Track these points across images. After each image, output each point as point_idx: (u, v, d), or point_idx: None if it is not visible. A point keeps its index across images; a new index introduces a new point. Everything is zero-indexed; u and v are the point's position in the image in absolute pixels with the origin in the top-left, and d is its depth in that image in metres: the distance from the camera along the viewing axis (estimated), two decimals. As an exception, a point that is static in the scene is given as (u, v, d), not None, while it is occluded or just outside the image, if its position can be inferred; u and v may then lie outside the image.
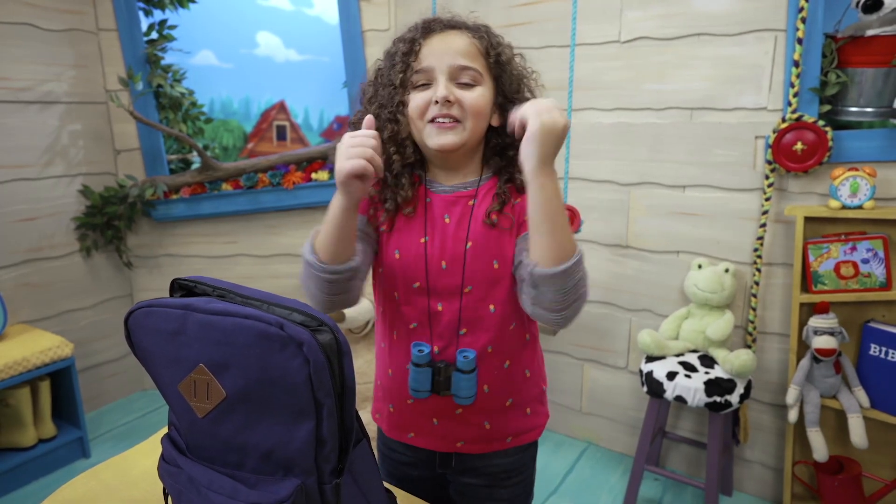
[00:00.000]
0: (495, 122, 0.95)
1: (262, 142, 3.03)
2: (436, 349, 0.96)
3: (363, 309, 2.27)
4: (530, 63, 0.99)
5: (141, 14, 2.51)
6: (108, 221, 2.51)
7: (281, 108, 3.03)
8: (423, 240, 0.95)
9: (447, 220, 0.95)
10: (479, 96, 0.91)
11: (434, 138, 0.91)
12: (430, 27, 0.93)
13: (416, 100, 0.91)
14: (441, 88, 0.89)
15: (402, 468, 1.07)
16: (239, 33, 2.93)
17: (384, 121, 0.93)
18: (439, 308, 0.95)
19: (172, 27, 2.53)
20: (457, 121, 0.90)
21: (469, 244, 0.93)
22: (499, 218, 0.93)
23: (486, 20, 0.98)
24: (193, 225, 2.66)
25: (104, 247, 2.58)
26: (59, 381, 2.26)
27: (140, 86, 2.42)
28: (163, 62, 2.55)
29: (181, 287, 0.77)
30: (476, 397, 0.95)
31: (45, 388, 2.18)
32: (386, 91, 0.93)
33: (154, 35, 2.53)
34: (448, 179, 0.98)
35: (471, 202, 0.95)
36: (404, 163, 0.95)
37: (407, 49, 0.91)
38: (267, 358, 0.65)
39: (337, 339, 0.67)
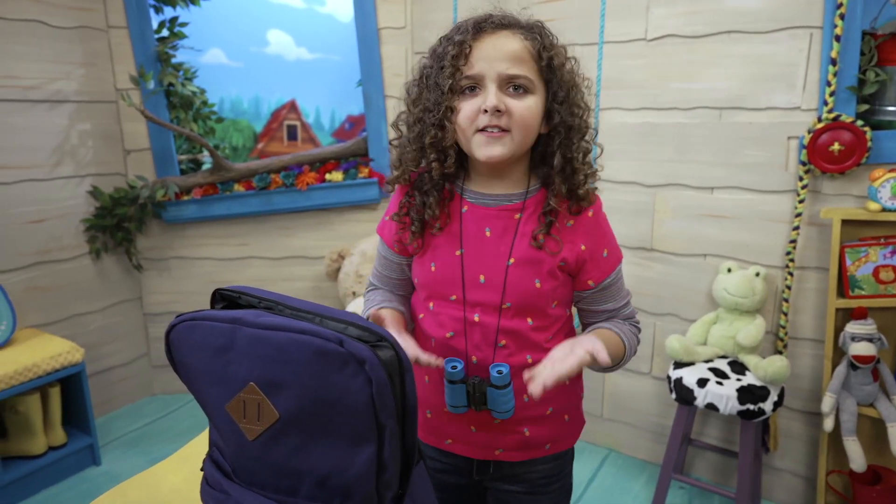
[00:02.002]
0: (543, 130, 0.91)
1: (272, 142, 2.98)
2: (474, 359, 0.93)
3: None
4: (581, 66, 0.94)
5: (151, 11, 2.46)
6: (119, 223, 2.46)
7: (292, 107, 2.98)
8: (458, 252, 0.93)
9: (488, 234, 0.92)
10: (528, 107, 0.87)
11: (482, 149, 0.88)
12: (480, 27, 0.87)
13: (465, 108, 0.87)
14: (491, 97, 0.85)
15: (438, 475, 1.03)
16: (249, 31, 2.88)
17: (428, 125, 0.89)
18: (476, 319, 0.92)
19: (184, 24, 2.48)
20: (505, 130, 0.86)
21: (512, 260, 0.90)
22: (545, 240, 0.90)
23: None
24: (204, 226, 2.61)
25: (113, 249, 2.52)
26: (70, 386, 2.20)
27: (151, 84, 2.37)
28: (173, 60, 2.50)
29: (223, 298, 0.72)
30: (515, 409, 0.91)
31: (55, 394, 2.13)
32: (433, 95, 0.89)
33: (165, 32, 2.48)
34: (491, 188, 0.94)
35: (517, 216, 0.92)
36: (444, 172, 0.91)
37: (456, 52, 0.86)
38: (325, 377, 0.60)
39: (398, 356, 0.62)
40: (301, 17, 2.90)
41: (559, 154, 0.90)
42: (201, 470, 0.77)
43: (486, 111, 0.85)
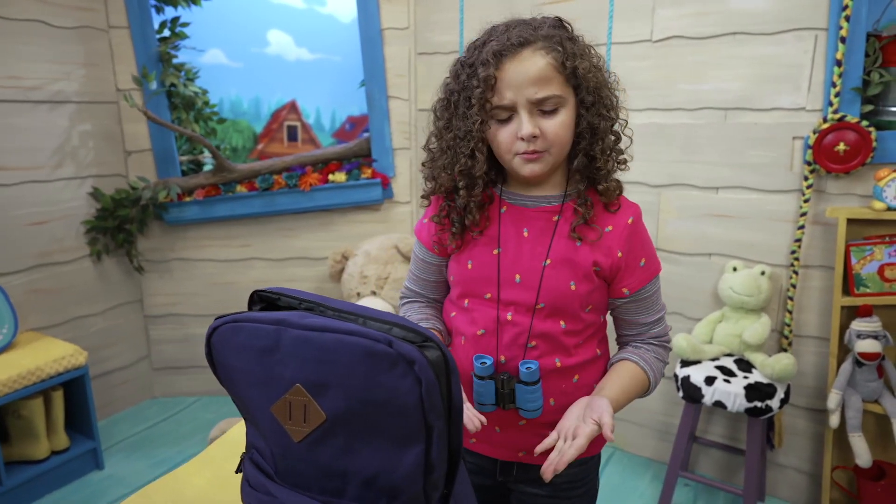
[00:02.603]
0: (576, 132, 0.91)
1: (272, 142, 2.97)
2: (502, 358, 0.93)
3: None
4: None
5: (152, 11, 2.44)
6: (120, 225, 2.44)
7: (292, 107, 2.97)
8: (495, 251, 0.94)
9: (525, 234, 0.93)
10: (561, 123, 0.87)
11: (524, 168, 0.89)
12: (500, 53, 0.85)
13: (501, 136, 0.88)
14: (526, 126, 0.85)
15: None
16: (249, 31, 2.87)
17: (459, 154, 0.90)
18: (508, 318, 0.93)
19: (185, 24, 2.46)
20: (539, 151, 0.87)
21: (548, 261, 0.91)
22: (583, 233, 0.91)
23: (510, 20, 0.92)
24: (206, 228, 2.59)
25: (114, 251, 2.50)
26: (72, 390, 2.18)
27: (154, 85, 2.35)
28: (175, 61, 2.48)
29: (262, 299, 0.72)
30: (542, 410, 0.92)
31: (58, 398, 2.10)
32: (463, 125, 0.88)
33: (166, 33, 2.46)
34: (529, 190, 0.95)
35: (555, 217, 0.93)
36: (470, 200, 0.92)
37: (483, 87, 0.85)
38: (373, 377, 0.60)
39: (444, 356, 0.62)
40: (301, 17, 2.89)
41: (582, 155, 0.90)
42: (237, 472, 0.77)
43: (522, 138, 0.86)
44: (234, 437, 1.11)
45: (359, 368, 0.60)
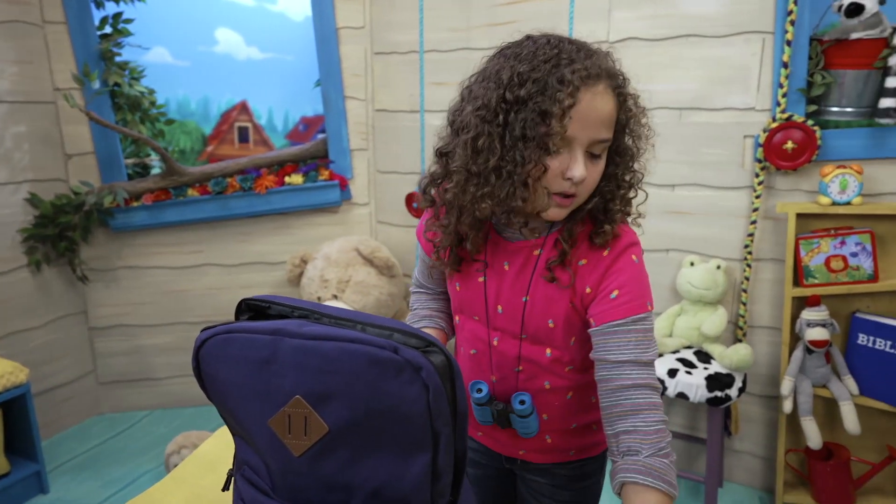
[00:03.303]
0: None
1: (222, 144, 2.87)
2: (493, 378, 0.94)
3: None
4: None
5: (92, 6, 2.31)
6: (61, 232, 2.30)
7: (243, 108, 2.88)
8: (481, 279, 0.92)
9: (506, 267, 0.90)
10: (600, 171, 0.81)
11: (552, 211, 0.81)
12: (585, 80, 0.75)
13: (550, 168, 0.78)
14: (580, 168, 0.77)
15: (471, 455, 1.05)
16: (196, 29, 2.76)
17: (504, 179, 0.77)
18: (495, 343, 0.93)
19: (129, 21, 2.35)
20: (574, 195, 0.81)
21: (527, 298, 0.88)
22: (557, 274, 0.85)
23: (467, 20, 0.85)
24: (156, 234, 2.48)
25: (55, 260, 2.36)
26: (12, 410, 2.04)
27: (96, 84, 2.23)
28: (117, 59, 2.36)
29: (250, 308, 0.69)
30: (538, 430, 0.93)
31: (-3, 419, 1.97)
32: (529, 151, 0.75)
33: (108, 29, 2.34)
34: (516, 224, 0.87)
35: (536, 252, 0.87)
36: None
37: (560, 112, 0.74)
38: (378, 386, 0.58)
39: (449, 360, 0.60)
40: (251, 15, 2.81)
41: (599, 198, 0.83)
42: (224, 490, 0.73)
43: (568, 179, 0.78)
44: (206, 453, 1.06)
45: (363, 377, 0.58)
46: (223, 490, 0.73)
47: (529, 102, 0.75)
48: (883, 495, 1.89)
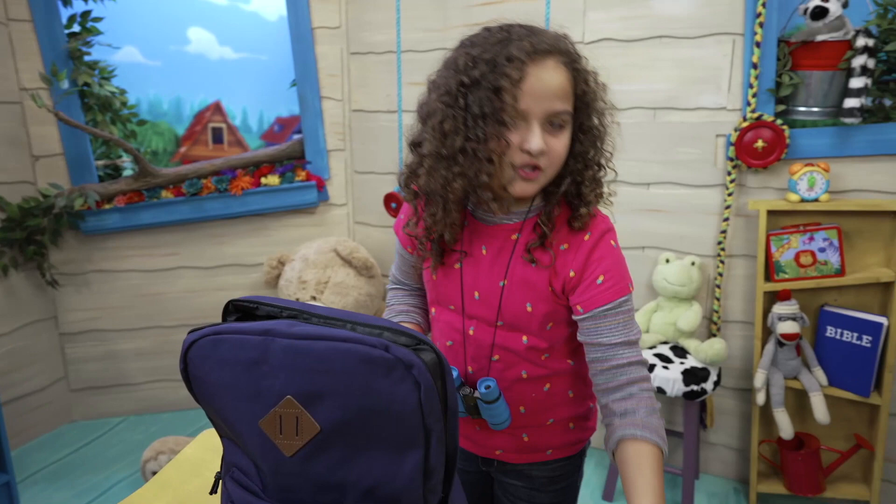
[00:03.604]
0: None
1: (196, 145, 2.82)
2: (470, 369, 0.94)
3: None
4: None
5: (59, 4, 2.26)
6: (29, 236, 2.24)
7: (216, 109, 2.84)
8: (457, 266, 0.92)
9: (484, 252, 0.90)
10: (564, 142, 0.83)
11: (517, 186, 0.83)
12: (531, 55, 0.79)
13: (510, 143, 0.81)
14: (537, 140, 0.80)
15: None
16: (167, 28, 2.72)
17: (471, 157, 0.80)
18: (471, 332, 0.93)
19: (98, 19, 2.30)
20: (539, 168, 0.82)
21: (505, 281, 0.89)
22: (537, 255, 0.87)
23: (443, 20, 0.87)
24: (128, 237, 2.43)
25: (24, 264, 2.30)
26: (-19, 419, 1.98)
27: (65, 84, 2.18)
28: (87, 58, 2.31)
29: (237, 309, 0.68)
30: (511, 419, 0.93)
31: (-35, 429, 1.90)
32: (488, 126, 0.79)
33: (76, 28, 2.28)
34: (490, 204, 0.88)
35: (514, 235, 0.89)
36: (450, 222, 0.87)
37: (509, 85, 0.78)
38: (370, 384, 0.58)
39: (439, 358, 0.61)
40: (224, 14, 2.78)
41: (570, 178, 0.86)
42: (211, 493, 0.73)
43: (528, 151, 0.80)
44: (189, 457, 1.05)
45: (355, 375, 0.58)
46: (211, 493, 0.72)
47: (483, 81, 0.78)
48: (851, 482, 1.95)
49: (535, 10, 2.07)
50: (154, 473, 1.94)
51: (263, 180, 2.44)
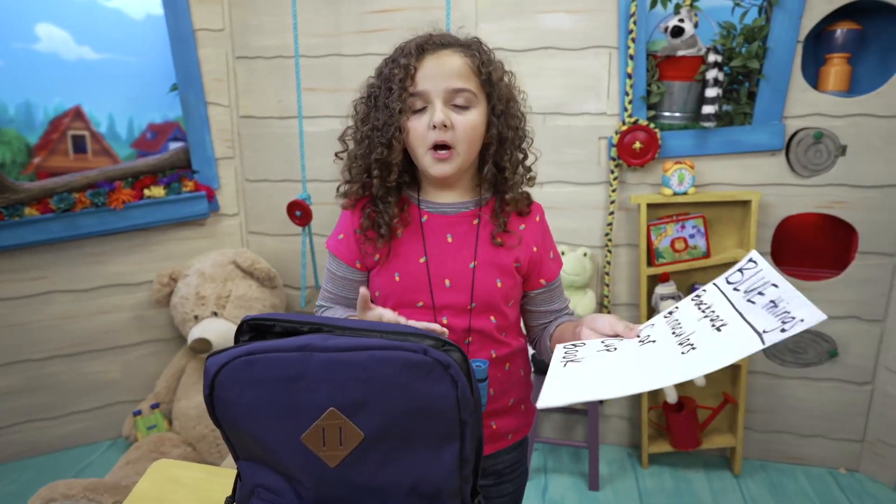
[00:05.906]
0: (486, 140, 0.98)
1: (53, 155, 2.54)
2: None
3: (229, 335, 2.10)
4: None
5: None
6: None
7: (77, 114, 2.57)
8: (422, 259, 0.98)
9: (449, 240, 0.98)
10: (472, 121, 0.93)
11: (434, 167, 0.94)
12: (422, 48, 0.93)
13: (415, 127, 0.93)
14: (438, 113, 0.91)
15: None
16: (9, 23, 2.42)
17: (376, 143, 0.94)
18: (444, 322, 0.98)
19: (-70, 13, 1.98)
20: (451, 147, 0.93)
21: (475, 263, 0.97)
22: (504, 238, 0.99)
23: (335, 26, 1.02)
24: (-16, 262, 2.13)
25: None
26: None
27: None
28: (-83, 57, 1.98)
29: (251, 328, 0.67)
30: (486, 405, 0.99)
31: None
32: (382, 115, 0.93)
33: None
34: (443, 197, 1.00)
35: (475, 221, 0.99)
36: (385, 186, 0.96)
37: (402, 75, 0.91)
38: (411, 387, 0.62)
39: (464, 356, 0.66)
40: (80, 10, 2.52)
41: (491, 163, 0.98)
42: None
43: (434, 127, 0.91)
44: (144, 492, 0.97)
45: (398, 381, 0.61)
46: (225, 519, 0.70)
47: (386, 77, 0.93)
48: (720, 433, 2.28)
49: (431, 19, 2.14)
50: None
51: (147, 192, 2.26)
